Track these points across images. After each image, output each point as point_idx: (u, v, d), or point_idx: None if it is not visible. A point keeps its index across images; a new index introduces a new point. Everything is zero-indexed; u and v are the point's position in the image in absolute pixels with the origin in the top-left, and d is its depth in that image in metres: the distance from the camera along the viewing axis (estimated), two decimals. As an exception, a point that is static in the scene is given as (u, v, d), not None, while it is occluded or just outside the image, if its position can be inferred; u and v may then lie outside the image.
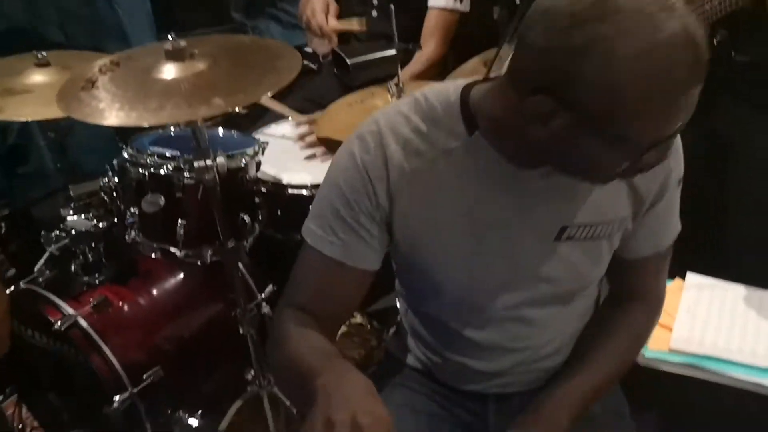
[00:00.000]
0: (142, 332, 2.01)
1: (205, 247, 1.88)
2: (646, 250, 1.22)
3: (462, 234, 1.12)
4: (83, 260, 2.01)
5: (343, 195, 1.10)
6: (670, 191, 1.15)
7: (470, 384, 1.34)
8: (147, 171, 1.82)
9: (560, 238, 1.12)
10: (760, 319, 1.68)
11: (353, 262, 1.14)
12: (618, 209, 1.13)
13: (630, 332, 1.29)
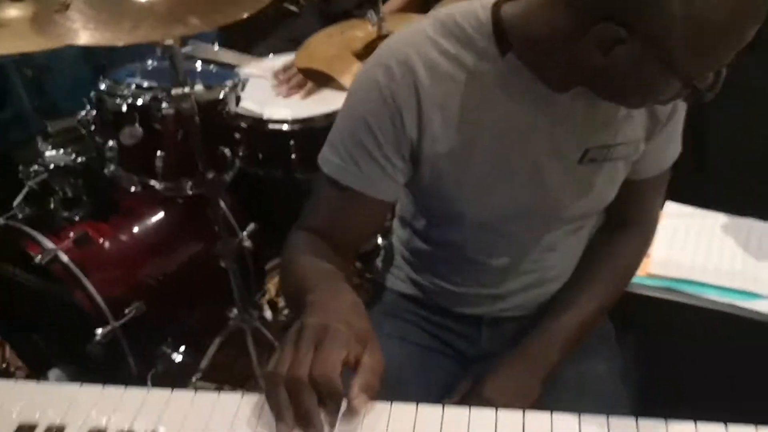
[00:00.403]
0: (124, 268, 2.00)
1: (185, 179, 1.87)
2: (651, 171, 1.21)
3: (491, 158, 1.08)
4: (63, 196, 2.00)
5: (368, 126, 1.05)
6: (681, 109, 1.14)
7: (468, 307, 1.34)
8: (125, 102, 1.80)
9: (583, 161, 1.11)
10: (737, 245, 1.70)
11: (374, 193, 1.10)
12: (636, 130, 1.12)
13: (624, 259, 1.30)
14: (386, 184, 1.11)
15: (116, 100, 1.80)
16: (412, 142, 1.07)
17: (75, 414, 0.89)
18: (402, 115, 1.03)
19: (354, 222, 1.16)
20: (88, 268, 1.92)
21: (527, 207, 1.16)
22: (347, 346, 0.84)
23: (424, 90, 1.02)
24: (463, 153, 1.09)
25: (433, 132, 1.06)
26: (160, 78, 1.85)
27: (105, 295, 1.92)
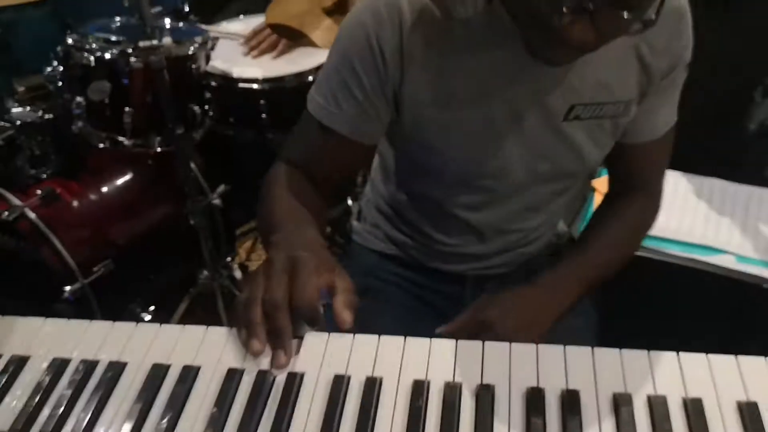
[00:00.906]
0: (93, 226, 1.99)
1: (154, 136, 1.86)
2: (644, 135, 1.18)
3: (472, 107, 1.08)
4: (30, 154, 1.97)
5: (352, 67, 1.05)
6: (677, 73, 1.12)
7: (451, 265, 1.34)
8: (93, 56, 1.78)
9: (568, 118, 1.10)
10: (699, 202, 1.74)
11: (353, 135, 1.11)
12: (625, 90, 1.10)
13: (632, 220, 1.26)
14: (367, 127, 1.12)
15: (84, 54, 1.78)
16: (394, 84, 1.07)
17: (39, 345, 0.89)
18: (385, 57, 1.03)
19: (333, 161, 1.16)
20: (56, 225, 1.90)
21: (507, 161, 1.14)
22: (318, 272, 0.86)
23: (408, 32, 1.02)
24: (443, 99, 1.08)
25: (414, 75, 1.06)
26: (128, 34, 1.83)
27: (73, 253, 1.90)
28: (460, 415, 0.78)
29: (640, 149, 1.20)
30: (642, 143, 1.19)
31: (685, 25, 1.08)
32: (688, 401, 0.78)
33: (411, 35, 1.02)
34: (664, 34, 1.05)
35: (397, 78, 1.06)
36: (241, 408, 0.80)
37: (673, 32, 1.06)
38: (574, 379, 0.82)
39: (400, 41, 1.03)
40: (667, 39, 1.06)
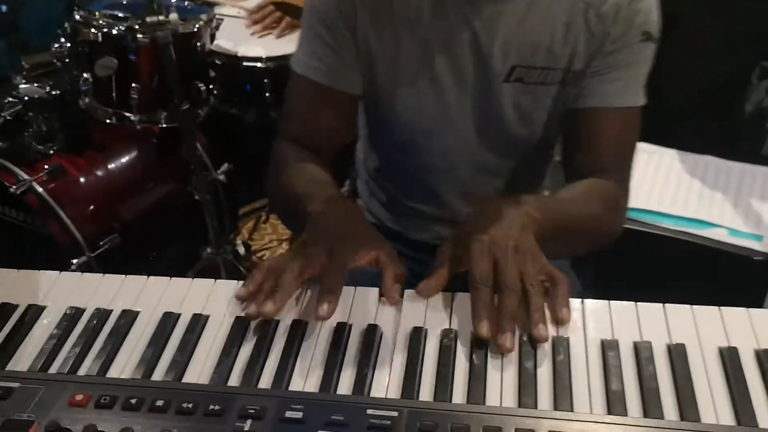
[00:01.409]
0: (99, 201, 2.03)
1: (160, 111, 1.89)
2: (593, 98, 1.13)
3: (416, 62, 1.13)
4: (37, 129, 2.00)
5: (322, 19, 1.13)
6: (629, 39, 1.09)
7: (426, 233, 1.38)
8: (100, 32, 1.81)
9: (509, 79, 1.12)
10: (693, 179, 1.78)
11: (338, 84, 1.16)
12: (571, 57, 1.10)
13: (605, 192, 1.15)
14: (347, 75, 1.17)
15: (91, 30, 1.81)
16: (354, 33, 1.13)
17: (55, 296, 0.94)
18: (345, 11, 1.10)
19: (325, 120, 1.21)
20: (63, 200, 1.94)
21: (455, 118, 1.18)
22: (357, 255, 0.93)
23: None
24: (391, 53, 1.14)
25: (366, 30, 1.12)
26: (134, 11, 1.86)
27: (80, 227, 1.95)
28: (455, 359, 0.82)
29: (592, 115, 1.13)
30: (592, 108, 1.13)
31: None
32: (671, 346, 0.82)
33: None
34: (613, 1, 1.06)
35: (353, 26, 1.12)
36: (247, 354, 0.84)
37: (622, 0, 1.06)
38: (566, 328, 0.86)
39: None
40: (617, 6, 1.06)
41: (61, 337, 0.87)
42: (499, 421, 0.72)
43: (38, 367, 0.83)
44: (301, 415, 0.74)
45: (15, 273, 0.98)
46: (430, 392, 0.78)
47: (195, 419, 0.74)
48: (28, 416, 0.75)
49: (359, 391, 0.79)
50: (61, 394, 0.77)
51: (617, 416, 0.74)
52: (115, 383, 0.79)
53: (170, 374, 0.82)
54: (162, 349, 0.85)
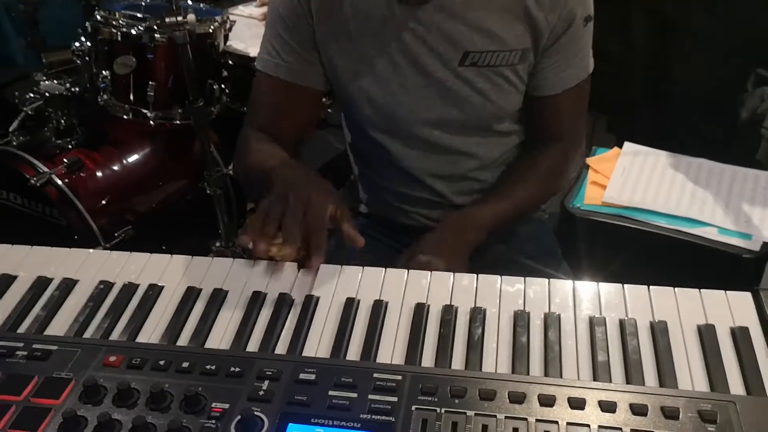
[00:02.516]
0: (114, 194, 2.11)
1: (176, 108, 1.97)
2: (555, 87, 1.27)
3: (375, 53, 1.22)
4: (56, 124, 2.08)
5: (282, 19, 1.24)
6: (576, 27, 1.21)
7: (414, 218, 1.45)
8: (119, 31, 1.89)
9: (464, 63, 1.21)
10: (687, 179, 1.85)
11: (299, 80, 1.27)
12: (517, 39, 1.20)
13: (547, 168, 1.36)
14: (308, 71, 1.27)
15: (111, 29, 1.89)
16: (313, 33, 1.23)
17: (86, 271, 1.01)
18: (301, 10, 1.21)
19: (290, 112, 1.31)
20: (81, 192, 2.02)
21: (417, 105, 1.27)
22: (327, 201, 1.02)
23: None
24: (348, 47, 1.23)
25: (323, 26, 1.22)
26: (152, 12, 1.94)
27: (96, 219, 2.03)
28: (455, 331, 0.89)
29: (551, 101, 1.28)
30: (552, 95, 1.28)
31: None
32: (654, 323, 0.89)
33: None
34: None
35: (310, 24, 1.22)
36: (264, 324, 0.92)
37: None
38: (556, 306, 0.93)
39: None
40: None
41: (93, 307, 0.95)
42: (494, 385, 0.79)
43: (74, 333, 0.91)
44: (314, 377, 0.81)
45: (48, 250, 1.05)
46: (431, 359, 0.86)
47: (217, 379, 0.81)
48: (66, 374, 0.82)
49: (366, 358, 0.86)
50: (95, 356, 0.84)
51: (602, 383, 0.82)
52: (144, 347, 0.87)
53: (194, 341, 0.90)
54: (185, 319, 0.93)
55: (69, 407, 0.78)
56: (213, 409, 0.78)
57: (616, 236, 1.75)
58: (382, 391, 0.79)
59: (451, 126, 1.30)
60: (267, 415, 0.77)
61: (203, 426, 0.76)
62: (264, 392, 0.79)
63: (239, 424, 0.76)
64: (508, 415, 0.76)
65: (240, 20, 2.32)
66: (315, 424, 0.76)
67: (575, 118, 1.36)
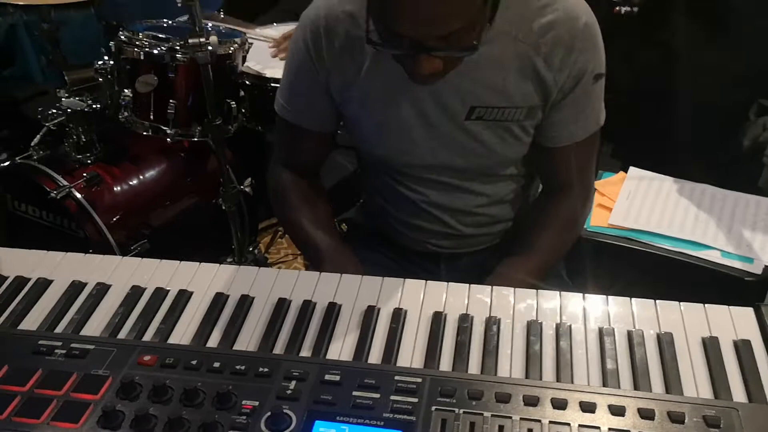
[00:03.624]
0: (132, 208, 2.16)
1: (195, 126, 2.03)
2: (564, 140, 1.28)
3: (383, 106, 1.25)
4: (76, 139, 2.13)
5: (296, 72, 1.29)
6: (585, 85, 1.21)
7: (421, 244, 1.48)
8: (142, 51, 1.96)
9: (470, 118, 1.23)
10: (691, 204, 1.90)
11: (305, 123, 1.33)
12: (526, 97, 1.21)
13: (563, 218, 1.37)
14: (321, 119, 1.33)
15: (134, 49, 1.96)
16: (327, 86, 1.28)
17: (118, 276, 1.06)
18: (315, 64, 1.25)
19: (302, 149, 1.39)
20: (99, 206, 2.08)
21: (423, 154, 1.31)
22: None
23: (325, 41, 1.22)
24: (359, 99, 1.27)
25: (335, 77, 1.26)
26: (174, 33, 2.01)
27: (113, 232, 2.08)
28: (471, 338, 0.94)
29: (562, 152, 1.29)
30: (563, 146, 1.29)
31: (584, 41, 1.17)
32: (660, 335, 0.94)
33: (328, 44, 1.22)
34: (558, 51, 1.16)
35: (325, 78, 1.27)
36: (289, 328, 0.96)
37: (568, 48, 1.16)
38: (567, 318, 0.98)
39: (321, 48, 1.24)
40: (562, 55, 1.16)
41: (126, 310, 1.00)
42: (509, 389, 0.84)
43: (108, 334, 0.96)
44: (338, 378, 0.86)
45: (81, 256, 1.11)
46: (449, 364, 0.91)
47: (247, 379, 0.86)
48: (103, 372, 0.87)
49: (387, 361, 0.91)
50: (130, 356, 0.89)
51: (611, 388, 0.86)
52: (176, 348, 0.92)
53: (223, 343, 0.94)
54: (214, 323, 0.98)
55: (108, 402, 0.82)
56: (243, 406, 0.82)
57: (621, 257, 1.80)
58: (403, 393, 0.84)
59: (456, 171, 1.33)
60: (295, 413, 0.81)
61: (235, 422, 0.80)
62: (291, 391, 0.84)
63: (269, 420, 0.81)
64: (523, 416, 0.81)
65: (256, 42, 2.39)
66: (341, 421, 0.81)
67: (585, 168, 1.37)
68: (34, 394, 0.85)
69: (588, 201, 1.42)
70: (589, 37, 1.18)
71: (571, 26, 1.15)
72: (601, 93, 1.28)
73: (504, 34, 1.15)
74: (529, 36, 1.16)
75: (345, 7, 1.20)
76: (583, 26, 1.16)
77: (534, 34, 1.16)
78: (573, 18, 1.16)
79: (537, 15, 1.15)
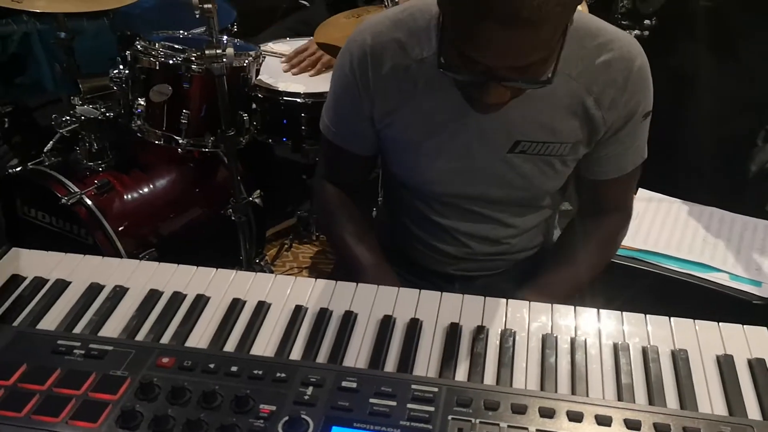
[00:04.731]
0: (141, 216, 2.16)
1: (207, 136, 2.05)
2: (610, 173, 1.29)
3: (425, 137, 1.24)
4: (89, 147, 2.14)
5: (340, 97, 1.29)
6: (635, 123, 1.21)
7: (438, 265, 1.49)
8: (158, 61, 1.98)
9: (514, 151, 1.22)
10: (699, 226, 1.91)
11: (347, 146, 1.33)
12: (571, 133, 1.20)
13: (604, 238, 1.38)
14: (356, 140, 1.33)
15: (150, 58, 1.98)
16: (369, 109, 1.27)
17: (136, 280, 1.07)
18: (359, 90, 1.23)
19: (345, 168, 1.40)
20: (109, 213, 2.08)
21: (460, 185, 1.31)
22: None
23: (372, 68, 1.20)
24: (401, 127, 1.27)
25: (379, 104, 1.25)
26: (189, 44, 2.03)
27: (122, 240, 2.08)
28: (487, 349, 0.95)
29: (608, 184, 1.31)
30: (609, 179, 1.30)
31: (634, 82, 1.16)
32: (675, 351, 0.95)
33: (374, 70, 1.20)
34: (610, 91, 1.16)
35: (369, 105, 1.26)
36: (306, 335, 0.97)
37: (620, 89, 1.15)
38: (582, 332, 0.99)
39: (367, 80, 1.23)
40: (614, 95, 1.16)
41: (143, 312, 1.00)
42: (525, 400, 0.85)
43: (126, 335, 0.96)
44: (355, 385, 0.86)
45: (100, 259, 1.12)
46: (465, 374, 0.91)
47: (264, 384, 0.87)
48: (122, 373, 0.88)
49: (403, 370, 0.91)
50: (149, 357, 0.90)
51: (626, 402, 0.87)
52: (194, 351, 0.92)
53: (239, 348, 0.95)
54: (231, 328, 0.98)
55: (126, 402, 0.83)
56: (261, 410, 0.83)
57: (629, 278, 1.80)
58: (419, 401, 0.84)
59: (491, 201, 1.34)
60: (312, 418, 0.82)
61: (252, 425, 0.81)
62: (309, 397, 0.84)
63: (286, 424, 0.81)
64: (539, 428, 0.81)
65: (270, 57, 2.41)
66: (358, 428, 0.81)
67: (627, 197, 1.39)
68: (52, 393, 0.85)
69: (628, 222, 1.43)
70: (642, 79, 1.18)
71: (625, 67, 1.15)
72: (647, 129, 1.28)
73: (558, 71, 1.11)
74: (583, 75, 1.15)
75: (394, 34, 1.18)
76: (637, 69, 1.16)
77: (588, 74, 1.15)
78: (628, 60, 1.15)
79: (593, 54, 1.14)
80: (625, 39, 1.17)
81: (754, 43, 2.39)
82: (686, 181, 2.16)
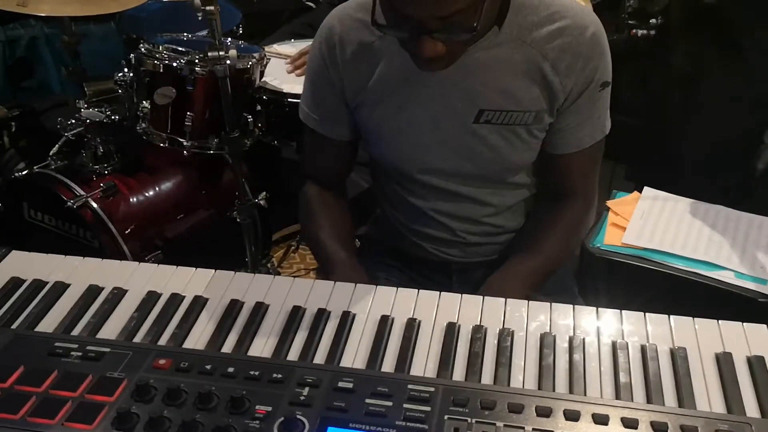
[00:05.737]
0: (146, 219, 2.17)
1: (211, 138, 2.05)
2: (569, 146, 1.30)
3: (394, 109, 1.28)
4: (94, 150, 2.16)
5: (314, 82, 1.34)
6: (592, 91, 1.23)
7: (433, 253, 1.49)
8: (162, 63, 1.98)
9: (479, 121, 1.25)
10: (704, 225, 1.90)
11: (327, 132, 1.38)
12: (533, 101, 1.23)
13: (567, 225, 1.38)
14: (335, 126, 1.37)
15: (154, 61, 1.98)
16: (342, 93, 1.31)
17: (134, 281, 1.07)
18: (329, 71, 1.29)
19: (326, 159, 1.43)
20: (114, 216, 2.09)
21: (432, 159, 1.33)
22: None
23: (339, 48, 1.27)
24: (371, 102, 1.30)
25: (349, 83, 1.30)
26: (193, 46, 2.04)
27: (128, 242, 2.09)
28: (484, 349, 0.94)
29: (567, 159, 1.32)
30: (568, 154, 1.31)
31: (591, 49, 1.20)
32: (674, 349, 0.94)
33: (341, 51, 1.27)
34: (565, 57, 1.19)
35: (341, 85, 1.31)
36: (303, 336, 0.97)
37: (575, 54, 1.19)
38: (581, 331, 0.98)
39: (335, 61, 1.28)
40: (570, 61, 1.19)
41: (142, 314, 1.01)
42: (522, 400, 0.84)
43: (124, 337, 0.97)
44: (351, 385, 0.86)
45: (99, 261, 1.12)
46: (462, 374, 0.91)
47: (260, 384, 0.87)
48: (118, 374, 0.88)
49: (400, 370, 0.91)
50: (145, 359, 0.90)
51: (624, 401, 0.86)
52: (191, 353, 0.92)
53: (237, 349, 0.95)
54: (229, 329, 0.99)
55: (122, 404, 0.83)
56: (257, 411, 0.83)
57: (634, 277, 1.79)
58: (416, 401, 0.84)
59: (464, 177, 1.35)
60: (308, 419, 0.82)
61: (248, 426, 0.81)
62: (305, 397, 0.84)
63: (282, 425, 0.81)
64: (536, 427, 0.81)
65: (274, 59, 2.42)
66: (353, 428, 0.81)
67: (589, 176, 1.39)
68: (49, 395, 0.85)
69: (591, 209, 1.43)
70: (597, 45, 1.21)
71: (579, 33, 1.19)
72: (608, 101, 1.30)
73: (512, 38, 1.19)
74: (538, 41, 1.19)
75: (357, 14, 1.25)
76: (591, 35, 1.19)
77: (542, 40, 1.19)
78: (582, 26, 1.19)
79: (546, 22, 1.19)
80: (579, 8, 1.21)
81: (760, 42, 2.38)
82: (692, 178, 2.15)
